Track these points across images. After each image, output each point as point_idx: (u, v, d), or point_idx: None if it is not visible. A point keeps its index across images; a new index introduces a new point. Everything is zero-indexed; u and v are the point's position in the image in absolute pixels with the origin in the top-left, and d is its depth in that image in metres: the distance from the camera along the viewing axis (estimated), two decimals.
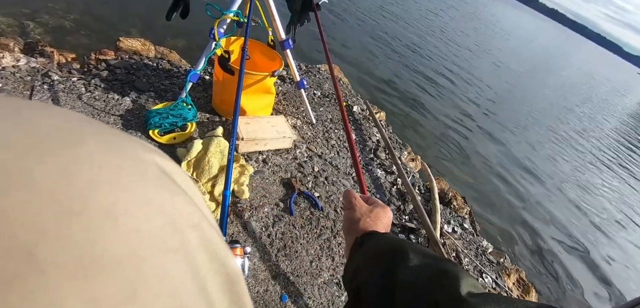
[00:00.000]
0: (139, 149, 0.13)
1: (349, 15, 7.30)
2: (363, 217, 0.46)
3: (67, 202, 0.09)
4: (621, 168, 6.47)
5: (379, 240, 0.41)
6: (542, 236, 3.31)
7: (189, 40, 3.24)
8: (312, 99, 2.22)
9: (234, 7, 1.29)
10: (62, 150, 0.10)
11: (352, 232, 0.45)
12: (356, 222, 0.45)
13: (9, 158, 0.09)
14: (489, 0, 60.62)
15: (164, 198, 0.12)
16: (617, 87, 29.99)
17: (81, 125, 0.12)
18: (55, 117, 0.12)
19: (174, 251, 0.12)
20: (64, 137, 0.11)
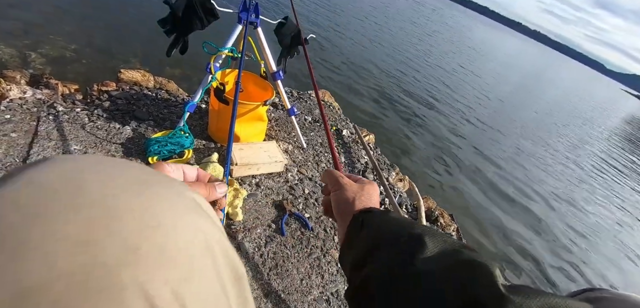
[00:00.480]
0: (183, 189, 0.20)
1: (339, 42, 7.60)
2: (356, 195, 0.43)
3: (152, 219, 0.16)
4: (613, 184, 6.66)
5: (384, 222, 0.37)
6: (530, 253, 3.39)
7: (186, 69, 3.38)
8: (303, 124, 2.34)
9: (229, 44, 1.42)
10: (144, 192, 0.17)
11: (345, 214, 0.42)
12: (350, 203, 0.43)
13: (117, 194, 0.16)
14: (473, 24, 63.10)
15: (200, 221, 0.19)
16: (603, 103, 31.00)
17: (150, 176, 0.19)
18: (135, 169, 0.19)
19: (207, 254, 0.18)
20: (142, 184, 0.18)
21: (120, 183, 0.17)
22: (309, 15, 8.16)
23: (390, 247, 0.33)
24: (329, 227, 1.64)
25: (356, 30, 9.68)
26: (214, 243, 0.19)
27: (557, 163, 6.42)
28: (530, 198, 4.46)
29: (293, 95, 2.76)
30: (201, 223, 0.18)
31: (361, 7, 14.86)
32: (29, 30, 3.19)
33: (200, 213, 0.19)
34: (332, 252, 1.54)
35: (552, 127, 9.70)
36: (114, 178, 0.17)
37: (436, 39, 16.82)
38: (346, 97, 4.63)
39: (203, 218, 0.19)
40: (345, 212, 0.42)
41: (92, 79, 2.22)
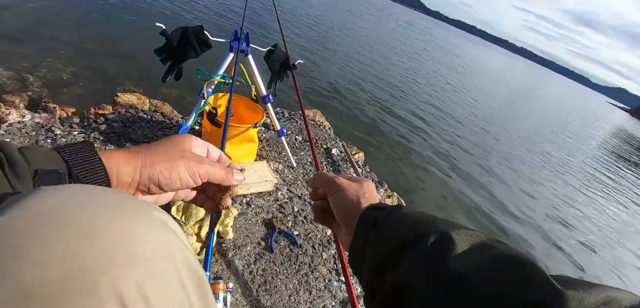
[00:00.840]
0: (151, 210, 0.23)
1: (330, 64, 7.80)
2: (360, 194, 0.41)
3: (124, 235, 0.20)
4: (603, 193, 6.81)
5: (402, 218, 0.34)
6: None
7: (181, 90, 3.47)
8: (294, 144, 2.43)
9: (221, 71, 1.52)
10: (118, 214, 0.21)
11: (351, 216, 0.40)
12: (355, 203, 0.40)
13: (97, 215, 0.20)
14: (462, 42, 64.93)
15: (164, 235, 0.22)
16: (590, 116, 31.81)
17: (124, 201, 0.22)
18: (112, 195, 0.23)
19: (169, 261, 0.21)
20: (117, 208, 0.21)
21: (99, 208, 0.21)
22: (299, 41, 8.39)
23: (418, 246, 0.30)
24: (317, 243, 1.70)
25: (347, 52, 9.94)
26: (176, 252, 0.22)
27: (549, 179, 6.57)
28: (519, 213, 4.55)
29: (284, 116, 2.85)
30: (165, 236, 0.22)
31: (350, 30, 15.29)
32: (28, 54, 3.26)
33: (165, 230, 0.23)
34: (319, 269, 1.59)
35: (542, 142, 9.93)
36: (94, 204, 0.21)
37: (425, 58, 17.27)
38: (336, 116, 4.74)
39: (167, 233, 0.23)
40: (351, 215, 0.39)
41: (89, 102, 2.28)
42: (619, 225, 5.80)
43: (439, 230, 0.30)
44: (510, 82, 29.14)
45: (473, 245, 0.28)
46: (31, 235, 0.17)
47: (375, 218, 0.35)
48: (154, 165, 0.34)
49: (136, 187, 0.34)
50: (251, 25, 7.21)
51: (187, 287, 0.23)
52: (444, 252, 0.28)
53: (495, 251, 0.27)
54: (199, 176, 0.37)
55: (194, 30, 1.39)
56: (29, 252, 0.17)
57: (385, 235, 0.33)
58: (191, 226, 1.45)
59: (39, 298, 0.16)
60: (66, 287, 0.17)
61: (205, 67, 1.54)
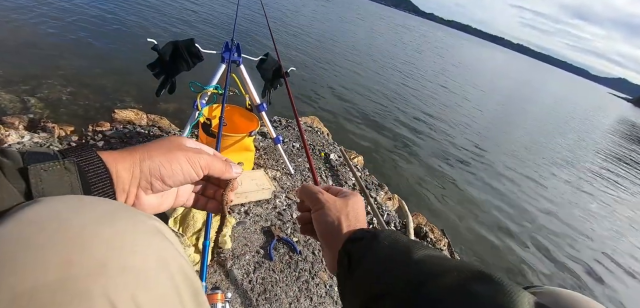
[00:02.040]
0: (146, 218, 0.24)
1: (326, 70, 7.85)
2: (341, 214, 0.40)
3: (116, 243, 0.20)
4: (611, 187, 6.73)
5: (379, 258, 0.32)
6: (524, 266, 3.40)
7: (179, 103, 3.50)
8: (291, 151, 2.43)
9: (214, 82, 1.53)
10: (111, 222, 0.21)
11: (331, 239, 0.39)
12: (335, 225, 0.39)
13: (90, 223, 0.20)
14: (458, 42, 65.11)
15: (157, 243, 0.22)
16: (593, 108, 31.62)
17: (118, 209, 0.23)
18: (105, 204, 0.23)
19: (163, 268, 0.22)
20: (110, 216, 0.22)
21: (92, 217, 0.21)
22: (291, 49, 8.46)
23: (387, 301, 0.29)
24: (317, 249, 1.69)
25: (343, 57, 10.00)
26: (171, 260, 0.22)
27: (549, 174, 6.52)
28: (525, 213, 4.51)
29: (281, 123, 2.86)
30: (159, 245, 0.22)
31: (345, 35, 15.41)
32: (28, 76, 3.31)
33: (160, 237, 0.23)
34: (320, 275, 1.58)
35: (546, 137, 9.88)
36: (87, 213, 0.21)
37: (422, 60, 17.32)
38: (335, 122, 4.76)
39: (161, 241, 0.23)
40: (331, 237, 0.39)
41: (87, 119, 2.31)
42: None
43: (412, 281, 0.28)
44: (508, 79, 29.14)
45: (448, 293, 0.26)
46: (25, 243, 0.18)
47: (350, 259, 0.34)
48: (153, 158, 0.33)
49: (137, 184, 0.33)
50: (242, 36, 7.28)
51: (182, 295, 0.22)
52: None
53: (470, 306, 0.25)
54: (200, 167, 0.36)
55: (185, 44, 1.41)
56: (21, 260, 0.17)
57: (361, 280, 0.32)
58: (189, 237, 1.45)
59: (31, 305, 0.16)
60: (58, 294, 0.17)
61: (198, 79, 1.56)
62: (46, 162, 0.25)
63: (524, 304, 0.23)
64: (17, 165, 0.24)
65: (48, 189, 0.24)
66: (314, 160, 2.40)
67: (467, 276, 0.27)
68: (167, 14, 7.24)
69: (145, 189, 0.33)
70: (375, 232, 0.35)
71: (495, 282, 0.25)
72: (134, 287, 0.19)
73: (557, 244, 3.95)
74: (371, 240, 0.34)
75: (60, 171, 0.25)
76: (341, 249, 0.36)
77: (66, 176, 0.26)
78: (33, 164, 0.24)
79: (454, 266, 0.28)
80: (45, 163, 0.25)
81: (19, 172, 0.24)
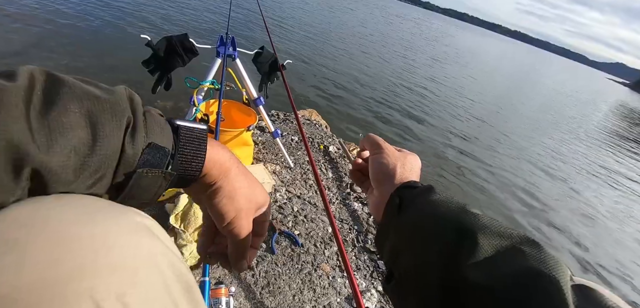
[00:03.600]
0: (134, 215, 0.23)
1: (323, 63, 7.81)
2: (398, 163, 0.40)
3: (101, 241, 0.19)
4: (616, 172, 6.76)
5: (428, 204, 0.32)
6: None
7: (176, 100, 3.47)
8: (290, 145, 2.42)
9: (210, 77, 1.51)
10: (96, 220, 0.20)
11: (383, 181, 0.39)
12: (390, 168, 0.39)
13: (74, 222, 0.20)
14: (454, 30, 64.79)
15: (146, 240, 0.22)
16: (593, 93, 31.66)
17: (103, 207, 0.23)
18: (90, 202, 0.22)
19: (152, 266, 0.21)
20: (94, 214, 0.21)
21: (76, 215, 0.20)
22: (287, 41, 8.40)
23: (439, 242, 0.28)
24: (319, 241, 1.69)
25: (339, 49, 9.95)
26: (159, 257, 0.22)
27: (551, 158, 6.53)
28: (522, 194, 4.53)
29: (279, 117, 2.85)
30: (146, 241, 0.22)
31: (340, 27, 15.30)
32: None
33: (147, 234, 0.23)
34: (323, 266, 1.58)
35: (549, 124, 9.88)
36: (71, 211, 0.20)
37: (418, 49, 17.23)
38: (333, 114, 4.74)
39: (149, 238, 0.22)
40: (384, 179, 0.39)
41: None
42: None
43: (464, 228, 0.28)
44: (506, 67, 29.07)
45: (498, 251, 0.26)
46: (4, 243, 0.17)
47: (401, 200, 0.34)
48: (224, 191, 0.33)
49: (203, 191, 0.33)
50: (237, 29, 7.21)
51: (173, 292, 0.22)
52: (464, 256, 0.26)
53: (520, 263, 0.25)
54: (234, 227, 0.34)
55: (179, 39, 1.39)
56: (1, 261, 0.16)
57: (409, 219, 0.32)
58: (191, 233, 1.44)
59: (10, 305, 0.15)
60: (39, 295, 0.16)
61: (195, 74, 1.54)
62: (154, 169, 0.26)
63: (567, 274, 0.24)
64: (131, 167, 0.25)
65: (140, 186, 0.26)
66: (313, 153, 2.39)
67: (519, 238, 0.27)
68: (159, 8, 7.16)
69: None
70: (431, 185, 0.36)
71: (543, 249, 0.26)
72: (120, 286, 0.19)
73: (561, 230, 3.97)
74: (426, 189, 0.35)
75: (158, 179, 0.27)
76: (394, 192, 0.36)
77: (161, 182, 0.28)
78: (141, 169, 0.26)
79: (506, 227, 0.28)
80: (152, 170, 0.26)
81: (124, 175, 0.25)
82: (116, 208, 0.23)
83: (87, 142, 0.23)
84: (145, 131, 0.26)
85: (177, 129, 0.30)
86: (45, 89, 0.22)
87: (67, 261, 0.18)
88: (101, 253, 0.19)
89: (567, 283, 0.23)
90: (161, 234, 0.24)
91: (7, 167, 0.19)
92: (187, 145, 0.29)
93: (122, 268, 0.19)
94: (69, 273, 0.17)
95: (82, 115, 0.23)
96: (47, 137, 0.21)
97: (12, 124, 0.19)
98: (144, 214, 0.25)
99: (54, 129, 0.21)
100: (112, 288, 0.18)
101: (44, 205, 0.20)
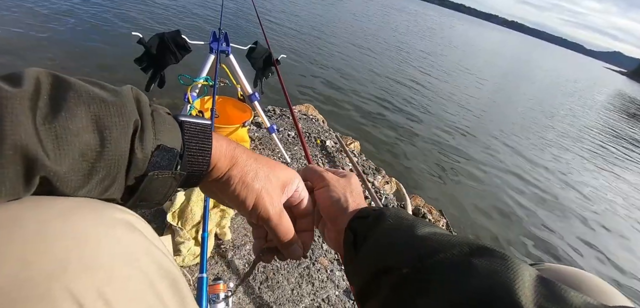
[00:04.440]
0: (114, 211, 0.23)
1: (318, 57, 7.76)
2: (346, 192, 0.40)
3: (78, 238, 0.19)
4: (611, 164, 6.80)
5: (379, 240, 0.32)
6: (524, 245, 3.44)
7: (171, 97, 3.45)
8: (287, 140, 2.42)
9: (203, 74, 1.50)
10: (73, 217, 0.20)
11: (338, 217, 0.39)
12: (342, 203, 0.39)
13: (50, 221, 0.19)
14: (451, 21, 64.47)
15: (126, 236, 0.22)
16: (590, 82, 31.69)
17: (81, 204, 0.22)
18: (66, 200, 0.22)
19: (133, 262, 0.21)
20: (71, 211, 0.21)
21: (53, 213, 0.20)
22: (281, 36, 8.33)
23: (387, 280, 0.29)
24: (317, 235, 1.69)
25: (334, 42, 9.89)
26: (142, 253, 0.22)
27: (548, 153, 6.57)
28: (525, 191, 4.55)
29: (275, 112, 2.84)
30: (128, 237, 0.22)
31: (335, 20, 15.20)
32: None
33: (128, 229, 0.22)
34: (321, 260, 1.59)
35: (546, 114, 9.91)
36: (47, 209, 0.20)
37: (415, 41, 17.17)
38: (330, 108, 4.73)
39: (129, 233, 0.22)
40: (336, 213, 0.39)
41: None
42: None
43: (413, 259, 0.28)
44: (504, 57, 29.05)
45: (447, 274, 0.26)
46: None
47: (355, 235, 0.35)
48: (236, 177, 0.33)
49: (218, 180, 0.33)
50: (230, 25, 7.14)
51: (157, 287, 0.22)
52: (415, 289, 0.26)
53: (470, 283, 0.24)
54: (261, 212, 0.34)
55: (171, 35, 1.38)
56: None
57: (364, 257, 0.33)
58: (188, 230, 1.44)
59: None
60: (15, 293, 0.16)
61: (188, 71, 1.53)
62: (164, 171, 0.27)
63: (524, 277, 0.23)
64: (141, 171, 0.26)
65: (151, 188, 0.27)
66: (309, 148, 2.39)
67: (470, 250, 0.27)
68: (150, 5, 7.08)
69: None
70: (381, 209, 0.36)
71: (497, 255, 0.25)
72: (100, 282, 0.19)
73: (557, 222, 4.00)
74: (377, 217, 0.34)
75: (169, 180, 0.28)
76: (347, 227, 0.36)
77: (171, 183, 0.28)
78: (152, 172, 0.26)
79: (456, 241, 0.28)
80: (162, 172, 0.27)
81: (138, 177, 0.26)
82: (95, 204, 0.23)
83: (95, 147, 0.22)
84: (153, 132, 0.26)
85: (182, 124, 0.30)
86: (51, 93, 0.22)
87: (41, 260, 0.17)
88: (80, 251, 0.19)
89: (524, 286, 0.22)
90: (144, 229, 0.24)
91: (19, 174, 0.19)
92: (193, 140, 0.29)
93: (100, 264, 0.19)
94: (45, 272, 0.17)
95: (89, 120, 0.22)
96: (54, 143, 0.20)
97: (22, 132, 0.19)
98: (126, 210, 0.25)
99: (61, 136, 0.21)
100: (92, 285, 0.18)
101: (19, 205, 0.20)
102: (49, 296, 0.17)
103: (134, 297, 0.20)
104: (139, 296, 0.20)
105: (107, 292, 0.19)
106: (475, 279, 0.24)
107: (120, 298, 0.19)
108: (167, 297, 0.23)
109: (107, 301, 0.18)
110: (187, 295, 0.25)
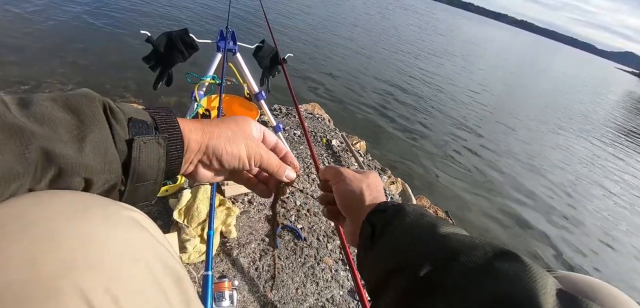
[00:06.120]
0: (120, 209, 0.23)
1: (326, 56, 7.75)
2: (363, 185, 0.41)
3: (86, 236, 0.20)
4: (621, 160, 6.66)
5: (397, 235, 0.32)
6: (532, 249, 3.39)
7: (178, 95, 3.48)
8: (292, 139, 2.42)
9: (210, 72, 1.51)
10: (80, 214, 0.21)
11: (353, 209, 0.40)
12: (356, 194, 0.40)
13: (58, 218, 0.20)
14: (459, 21, 63.70)
15: (132, 234, 0.22)
16: (602, 82, 31.01)
17: (87, 201, 0.23)
18: (72, 196, 0.22)
19: (139, 259, 0.21)
20: (78, 208, 0.21)
21: (58, 210, 0.20)
22: (288, 34, 8.33)
23: (405, 276, 0.28)
24: (322, 235, 1.69)
25: (343, 41, 9.86)
26: (147, 251, 0.22)
27: (559, 153, 6.45)
28: (529, 192, 4.49)
29: (281, 111, 2.84)
30: (133, 235, 0.22)
31: (343, 19, 15.14)
32: (26, 75, 3.31)
33: (134, 227, 0.23)
34: (325, 260, 1.59)
35: (556, 115, 9.74)
36: (53, 206, 0.20)
37: (423, 41, 17.00)
38: (336, 107, 4.72)
39: (137, 232, 0.23)
40: (353, 206, 0.40)
41: None
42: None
43: (434, 257, 0.27)
44: (514, 58, 28.59)
45: (469, 276, 0.25)
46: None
47: (373, 228, 0.35)
48: (219, 138, 0.34)
49: (199, 158, 0.34)
50: (237, 23, 7.16)
51: (162, 284, 0.22)
52: (434, 287, 0.26)
53: (491, 288, 0.23)
54: (254, 160, 0.37)
55: (178, 34, 1.39)
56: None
57: (382, 251, 0.32)
58: (194, 228, 1.45)
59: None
60: (24, 292, 0.16)
61: (196, 69, 1.54)
62: (146, 136, 0.28)
63: (547, 286, 0.22)
64: (124, 136, 0.27)
65: (143, 160, 0.27)
66: (315, 147, 2.39)
67: (493, 254, 0.26)
68: (158, 4, 7.15)
69: (204, 164, 0.35)
70: (401, 204, 0.35)
71: (521, 261, 0.25)
72: (107, 280, 0.19)
73: (567, 227, 3.92)
74: (396, 212, 0.34)
75: (155, 145, 0.28)
76: (365, 219, 0.36)
77: (158, 150, 0.29)
78: (137, 136, 0.27)
79: (480, 243, 0.27)
80: (144, 136, 0.28)
81: (126, 143, 0.27)
82: (101, 202, 0.23)
83: (75, 123, 0.24)
84: (121, 110, 0.27)
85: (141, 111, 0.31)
86: (15, 100, 0.23)
87: (49, 258, 0.18)
88: (87, 249, 0.19)
89: (547, 296, 0.21)
90: (150, 227, 0.25)
91: (16, 153, 0.20)
92: (157, 115, 0.31)
93: (107, 262, 0.19)
94: (53, 270, 0.17)
95: (59, 106, 0.23)
96: (40, 121, 0.22)
97: (8, 117, 0.20)
98: (132, 208, 0.25)
99: (39, 117, 0.22)
100: (100, 282, 0.18)
101: (26, 201, 0.20)
102: (58, 293, 0.17)
103: (140, 294, 0.20)
104: (145, 293, 0.21)
105: (115, 289, 0.19)
106: (499, 284, 0.23)
107: (127, 295, 0.19)
108: (172, 295, 0.23)
109: (114, 298, 0.19)
110: (191, 293, 0.25)
